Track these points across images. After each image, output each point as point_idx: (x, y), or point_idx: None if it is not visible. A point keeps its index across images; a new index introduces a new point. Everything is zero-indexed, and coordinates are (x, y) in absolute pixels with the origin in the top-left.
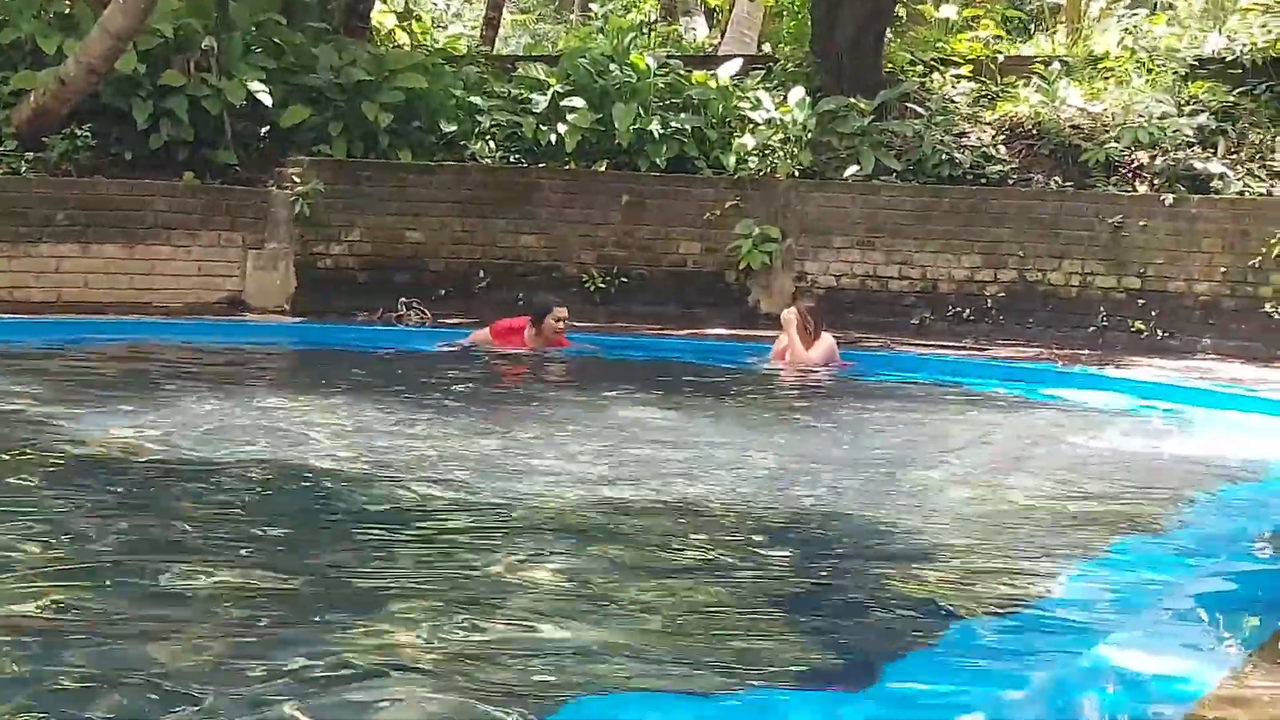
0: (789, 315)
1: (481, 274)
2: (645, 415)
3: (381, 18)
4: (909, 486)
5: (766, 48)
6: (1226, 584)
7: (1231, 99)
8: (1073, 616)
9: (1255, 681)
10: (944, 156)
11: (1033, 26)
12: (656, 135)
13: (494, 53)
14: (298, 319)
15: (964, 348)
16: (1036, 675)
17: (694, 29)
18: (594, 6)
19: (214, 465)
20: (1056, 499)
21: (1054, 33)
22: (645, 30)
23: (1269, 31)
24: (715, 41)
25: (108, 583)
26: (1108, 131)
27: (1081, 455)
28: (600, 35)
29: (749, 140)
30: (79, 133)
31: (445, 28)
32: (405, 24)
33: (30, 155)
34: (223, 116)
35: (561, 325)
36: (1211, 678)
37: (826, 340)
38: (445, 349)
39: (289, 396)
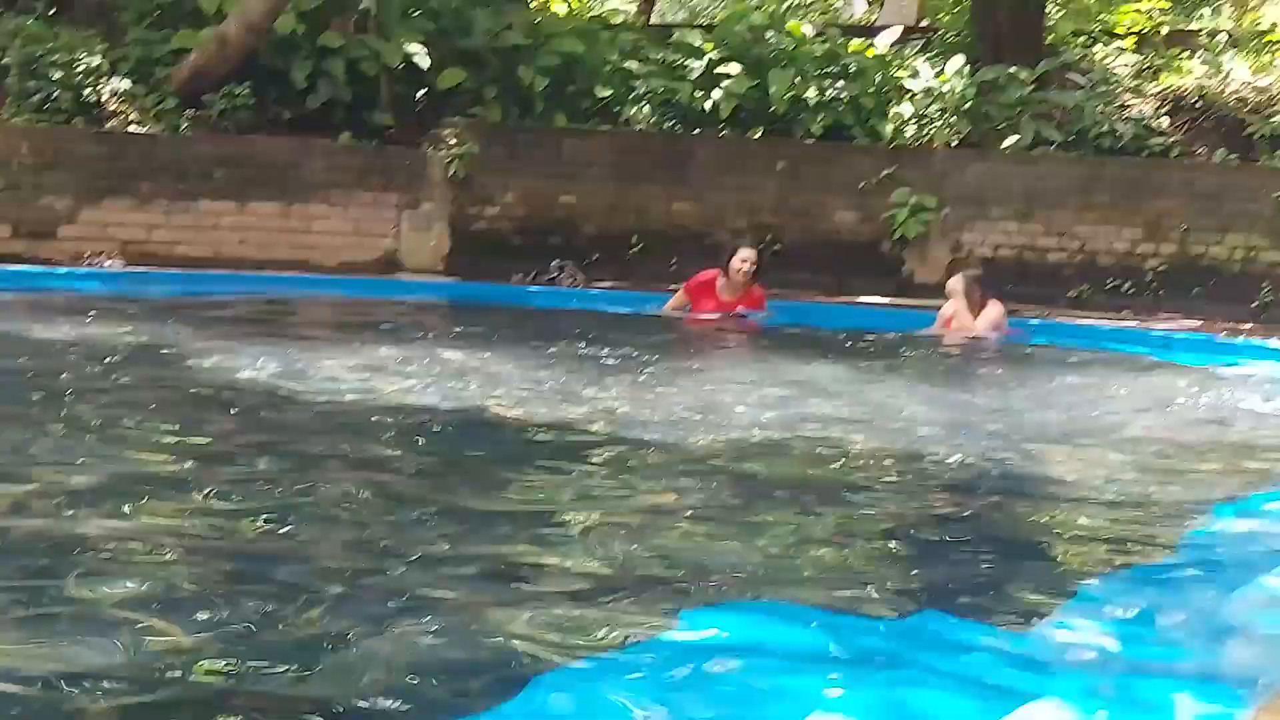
0: (955, 284)
1: (634, 239)
2: (812, 374)
3: None
4: (1073, 441)
5: (925, 23)
6: None
7: None
8: (1233, 556)
9: None
10: (1105, 128)
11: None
12: (812, 103)
13: (650, 23)
14: (451, 279)
15: (1123, 320)
16: (1196, 611)
17: (851, 5)
18: None
19: (376, 407)
20: (1223, 454)
21: (1219, 8)
22: (802, 14)
23: None
24: (873, 17)
25: (277, 508)
26: (1275, 105)
27: (1251, 417)
28: (757, 12)
29: (906, 109)
30: (238, 92)
31: (603, 1)
32: None
33: (190, 113)
34: (380, 78)
35: (745, 266)
36: None
37: (995, 309)
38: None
39: (453, 346)
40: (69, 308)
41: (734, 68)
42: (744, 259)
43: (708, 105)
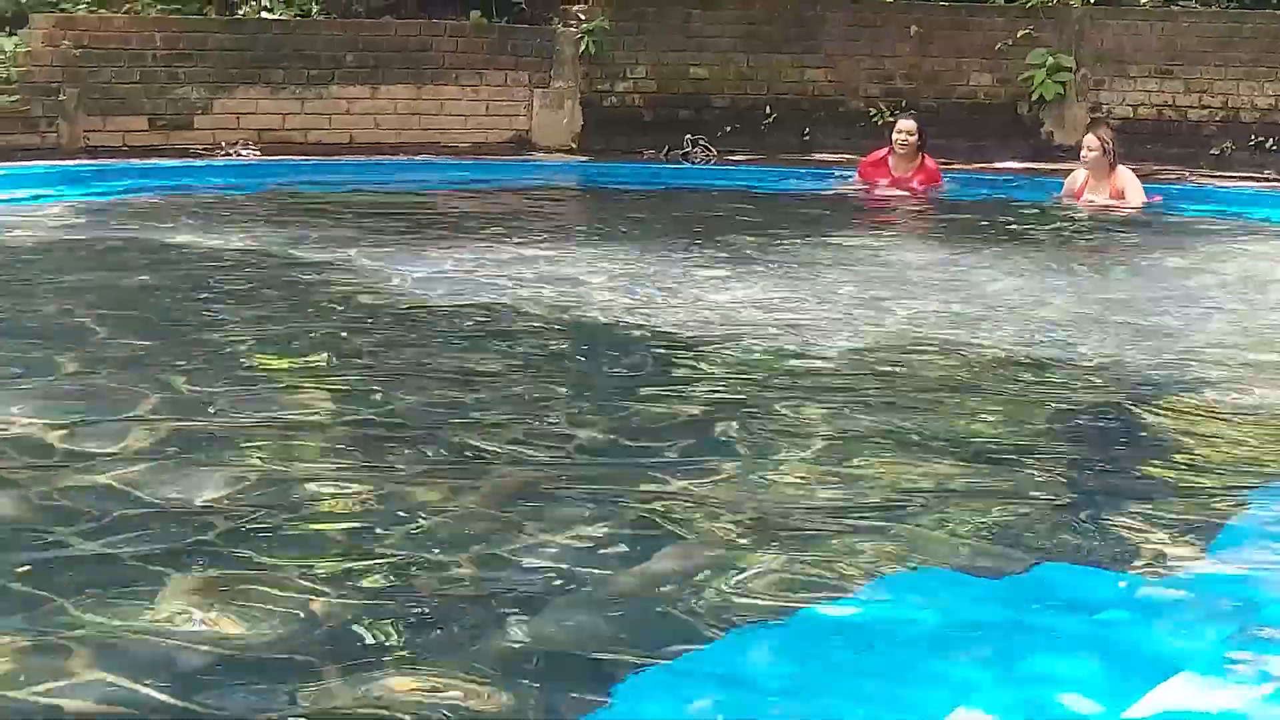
0: (1090, 142)
1: (767, 109)
2: (935, 258)
3: None
4: (1212, 336)
5: None
6: None
7: None
8: None
9: None
10: None
11: None
12: None
13: None
14: (584, 157)
15: (1266, 179)
16: None
17: None
18: None
19: (492, 313)
20: None
21: None
22: None
23: None
24: None
25: (397, 434)
26: None
27: None
28: None
29: None
30: None
31: None
32: None
33: None
34: None
35: (901, 138)
36: None
37: (1135, 178)
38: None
39: (591, 241)
40: (206, 209)
41: None
42: (900, 130)
43: None
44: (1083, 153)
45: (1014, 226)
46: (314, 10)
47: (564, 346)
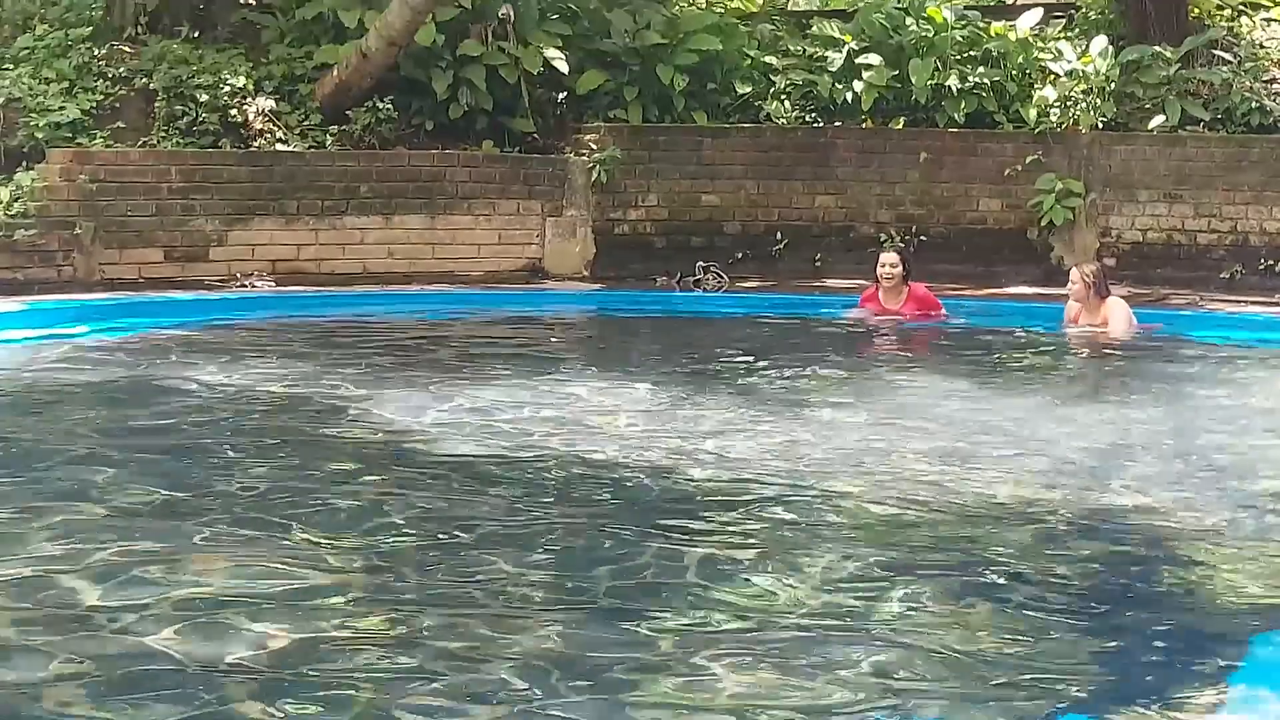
0: (1074, 277)
1: (778, 236)
2: (930, 393)
3: None
4: (1223, 476)
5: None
6: None
7: None
8: None
9: None
10: (1254, 105)
11: None
12: (955, 90)
13: (788, 8)
14: (596, 285)
15: (1277, 303)
16: None
17: None
18: None
19: (510, 460)
20: None
21: None
22: None
23: None
24: None
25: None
26: None
27: None
28: None
29: (1050, 93)
30: (380, 105)
31: None
32: None
33: (334, 129)
34: (520, 84)
35: (883, 271)
36: None
37: (1121, 307)
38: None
39: (591, 377)
40: (221, 345)
41: (874, 58)
42: (882, 264)
43: (849, 97)
44: (1068, 286)
45: (1007, 357)
46: (328, 141)
47: (576, 493)
